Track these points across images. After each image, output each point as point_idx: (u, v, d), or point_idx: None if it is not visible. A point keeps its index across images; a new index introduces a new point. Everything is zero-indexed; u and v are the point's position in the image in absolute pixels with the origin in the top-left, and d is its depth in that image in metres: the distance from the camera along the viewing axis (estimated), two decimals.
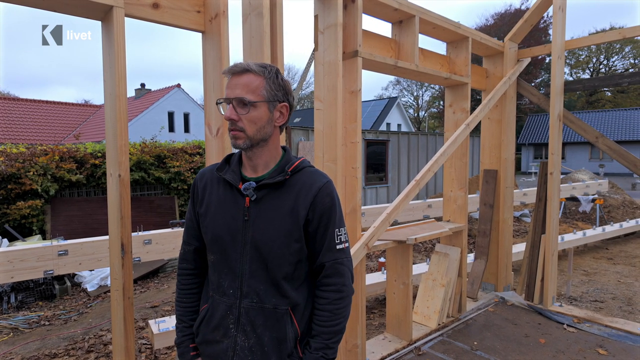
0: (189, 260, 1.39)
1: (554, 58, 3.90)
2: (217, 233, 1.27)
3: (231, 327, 1.25)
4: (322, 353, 1.25)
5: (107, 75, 1.81)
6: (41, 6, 1.74)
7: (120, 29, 1.75)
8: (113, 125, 1.78)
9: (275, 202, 1.25)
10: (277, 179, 1.25)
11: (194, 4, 2.16)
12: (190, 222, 1.38)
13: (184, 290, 1.39)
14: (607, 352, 3.23)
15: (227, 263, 1.26)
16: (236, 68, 1.22)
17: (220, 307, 1.27)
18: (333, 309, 1.26)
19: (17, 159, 7.05)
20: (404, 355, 3.19)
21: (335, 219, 1.29)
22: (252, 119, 1.21)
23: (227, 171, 1.31)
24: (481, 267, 4.40)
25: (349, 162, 2.87)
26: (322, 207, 1.25)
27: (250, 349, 1.23)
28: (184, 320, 1.38)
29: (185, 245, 1.40)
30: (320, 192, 1.26)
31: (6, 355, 3.97)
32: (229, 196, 1.28)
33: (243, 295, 1.24)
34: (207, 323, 1.30)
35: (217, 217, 1.28)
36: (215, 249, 1.28)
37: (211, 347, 1.28)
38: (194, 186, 1.37)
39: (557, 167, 3.99)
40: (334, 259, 1.27)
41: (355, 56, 2.78)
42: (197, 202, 1.35)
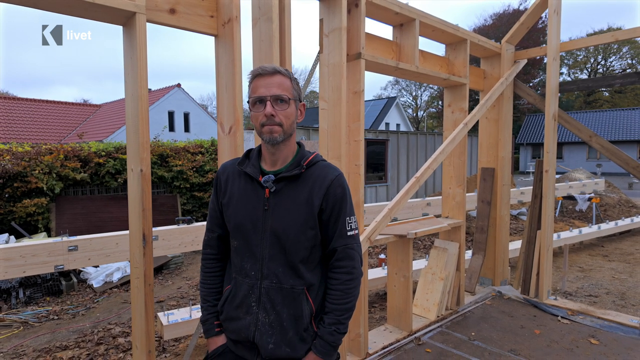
0: (213, 246, 1.52)
1: (549, 59, 4.03)
2: (240, 221, 1.40)
3: (253, 305, 1.38)
4: (334, 327, 1.38)
5: (129, 77, 1.93)
6: (66, 12, 1.86)
7: (142, 33, 1.88)
8: (135, 124, 1.91)
9: (292, 193, 1.37)
10: (294, 172, 1.38)
11: (207, 8, 2.29)
12: (213, 211, 1.51)
13: (208, 273, 1.53)
14: (598, 341, 3.37)
15: (249, 248, 1.39)
16: (267, 69, 1.36)
17: (243, 287, 1.40)
18: (344, 288, 1.39)
19: (22, 158, 7.16)
20: (404, 345, 3.33)
21: (346, 208, 1.41)
22: (287, 115, 1.37)
23: (247, 165, 1.44)
24: (479, 262, 4.54)
25: (352, 160, 3.00)
26: (335, 197, 1.38)
27: (271, 324, 1.36)
28: (208, 300, 1.51)
29: (209, 232, 1.53)
30: (333, 184, 1.38)
31: (18, 348, 4.09)
32: (249, 188, 1.41)
33: (263, 277, 1.37)
34: (230, 302, 1.43)
35: (240, 207, 1.41)
36: (238, 235, 1.41)
37: (235, 323, 1.41)
38: (217, 179, 1.50)
39: (552, 165, 4.12)
40: (345, 244, 1.40)
41: (359, 58, 2.91)
42: (220, 193, 1.48)
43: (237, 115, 2.26)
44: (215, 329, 1.48)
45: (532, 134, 32.24)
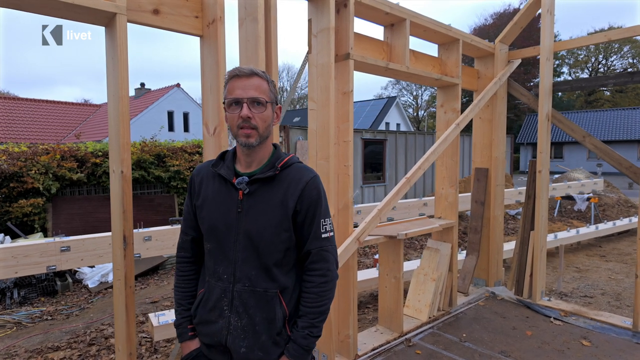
0: (187, 249, 1.51)
1: (542, 59, 4.01)
2: (213, 224, 1.39)
3: (225, 308, 1.37)
4: (308, 331, 1.37)
5: (111, 78, 1.93)
6: (49, 13, 1.85)
7: (122, 34, 1.87)
8: (116, 124, 1.90)
9: (266, 195, 1.36)
10: (268, 174, 1.37)
11: (192, 9, 2.28)
12: (187, 214, 1.50)
13: (182, 277, 1.52)
14: (590, 343, 3.35)
15: (222, 251, 1.38)
16: (244, 71, 1.35)
17: (216, 291, 1.39)
18: (319, 291, 1.38)
19: (19, 158, 7.16)
20: (394, 346, 3.31)
21: (321, 210, 1.41)
22: (264, 118, 1.36)
23: (221, 167, 1.43)
24: (472, 263, 4.53)
25: (341, 160, 2.99)
26: (310, 199, 1.37)
27: (243, 328, 1.35)
28: (182, 303, 1.50)
29: (183, 235, 1.52)
30: (308, 186, 1.38)
31: (10, 348, 4.08)
32: (223, 190, 1.40)
33: (236, 280, 1.36)
34: (204, 305, 1.42)
35: (213, 209, 1.40)
36: (211, 238, 1.40)
37: (208, 326, 1.40)
38: (192, 181, 1.49)
39: (546, 165, 4.11)
40: (319, 246, 1.39)
41: (347, 59, 2.89)
42: (194, 195, 1.47)
43: (221, 116, 2.25)
44: (188, 333, 1.47)
45: (533, 133, 32.16)
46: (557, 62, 40.60)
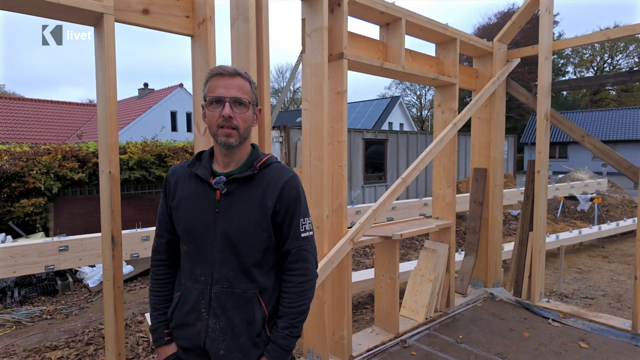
0: (162, 252, 1.48)
1: (540, 59, 3.98)
2: (190, 225, 1.37)
3: (203, 311, 1.35)
4: (288, 331, 1.36)
5: (99, 78, 1.92)
6: (38, 13, 1.85)
7: (110, 34, 1.87)
8: (104, 125, 1.90)
9: (244, 195, 1.35)
10: (246, 173, 1.36)
11: (183, 9, 2.27)
12: (162, 216, 1.47)
13: (157, 280, 1.48)
14: (588, 345, 3.31)
15: (199, 252, 1.36)
16: (228, 70, 1.33)
17: (193, 293, 1.36)
18: (298, 291, 1.37)
19: (20, 158, 7.21)
20: (389, 347, 3.29)
21: (301, 210, 1.40)
22: (245, 118, 1.35)
23: (198, 167, 1.41)
24: (471, 264, 4.49)
25: (335, 161, 2.97)
26: (289, 199, 1.37)
27: (221, 330, 1.33)
28: (158, 308, 1.47)
29: (158, 237, 1.49)
30: (287, 185, 1.38)
31: (9, 347, 4.10)
32: (200, 190, 1.38)
33: (214, 282, 1.34)
34: (180, 308, 1.40)
35: (190, 210, 1.38)
36: (188, 239, 1.38)
37: (185, 330, 1.38)
38: (166, 182, 1.47)
39: (545, 165, 4.07)
40: (299, 246, 1.39)
41: (341, 58, 2.88)
42: (169, 197, 1.45)
43: None
44: (165, 338, 1.44)
45: None
46: (562, 61, 40.33)
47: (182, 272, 1.43)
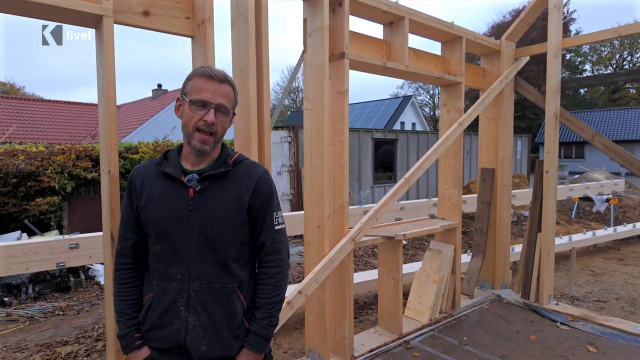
0: (128, 255, 1.44)
1: (549, 57, 3.90)
2: (163, 224, 1.35)
3: (181, 309, 1.34)
4: (267, 321, 1.40)
5: (99, 79, 1.96)
6: (39, 16, 1.90)
7: (109, 36, 1.90)
8: (104, 125, 1.93)
9: (219, 192, 1.37)
10: (220, 170, 1.38)
11: (183, 10, 2.30)
12: (127, 217, 1.44)
13: (124, 285, 1.44)
14: (597, 349, 3.24)
15: (174, 251, 1.35)
16: (218, 75, 1.34)
17: (170, 293, 1.35)
18: (274, 282, 1.42)
19: (36, 158, 7.39)
20: (392, 349, 3.27)
21: (274, 204, 1.45)
22: (224, 126, 1.39)
23: (166, 165, 1.40)
24: (478, 265, 4.44)
25: (337, 160, 2.97)
26: (263, 193, 1.42)
27: (202, 326, 1.34)
28: (125, 313, 1.42)
29: (122, 240, 1.44)
30: (260, 181, 1.42)
31: (21, 342, 4.22)
32: (171, 189, 1.37)
33: (192, 279, 1.35)
34: (154, 310, 1.37)
35: (161, 209, 1.36)
36: (161, 239, 1.36)
37: (162, 330, 1.37)
38: (131, 182, 1.43)
39: (553, 165, 3.99)
40: (273, 238, 1.44)
41: (343, 58, 2.87)
42: (135, 197, 1.42)
43: None
44: (136, 342, 1.41)
45: None
46: (579, 59, 39.46)
47: (154, 273, 1.41)
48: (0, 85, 34.87)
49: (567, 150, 30.82)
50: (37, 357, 3.80)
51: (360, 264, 6.59)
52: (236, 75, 2.45)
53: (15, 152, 7.42)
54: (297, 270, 6.26)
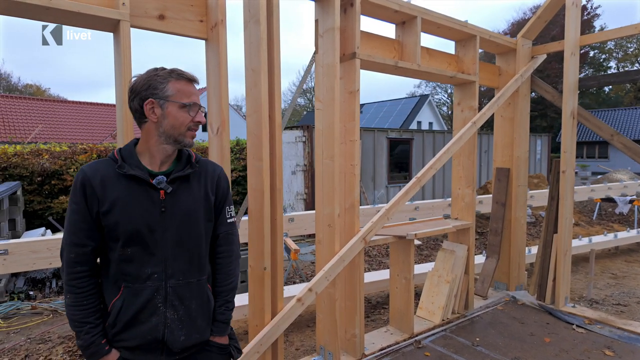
0: (85, 262, 1.37)
1: (566, 54, 3.83)
2: (134, 227, 1.34)
3: (159, 305, 1.38)
4: (224, 307, 1.53)
5: (117, 81, 2.04)
6: (59, 21, 1.99)
7: (126, 40, 1.98)
8: (121, 126, 2.01)
9: (188, 192, 1.43)
10: (188, 171, 1.44)
11: (197, 13, 2.36)
12: (83, 223, 1.35)
13: (83, 294, 1.37)
14: (614, 353, 3.17)
15: (147, 252, 1.37)
16: (196, 79, 1.45)
17: (145, 292, 1.37)
18: (228, 270, 1.55)
19: (59, 157, 7.66)
20: (403, 348, 3.28)
21: (229, 199, 1.58)
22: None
23: (128, 167, 1.37)
24: (492, 266, 4.39)
25: (347, 160, 2.99)
26: (223, 189, 1.54)
27: (180, 319, 1.41)
28: (89, 321, 1.36)
29: (78, 247, 1.36)
30: (220, 178, 1.54)
31: (45, 334, 4.38)
32: (138, 191, 1.36)
33: (168, 277, 1.39)
34: (125, 311, 1.36)
35: (131, 212, 1.34)
36: (133, 242, 1.35)
37: (136, 328, 1.37)
38: (86, 185, 1.34)
39: (570, 165, 3.91)
40: (226, 230, 1.55)
41: (354, 58, 2.90)
42: (93, 201, 1.35)
43: (223, 116, 2.32)
44: (105, 348, 1.38)
45: None
46: (604, 55, 38.26)
47: (121, 276, 1.38)
48: (28, 87, 36.11)
49: (590, 149, 29.96)
50: (59, 348, 3.95)
51: (374, 263, 6.59)
52: (248, 76, 2.51)
53: (40, 152, 7.70)
54: (310, 269, 6.31)
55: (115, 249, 1.36)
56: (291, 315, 2.58)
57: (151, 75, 1.39)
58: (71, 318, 1.37)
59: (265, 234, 2.47)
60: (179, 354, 1.43)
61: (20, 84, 35.65)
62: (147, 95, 1.37)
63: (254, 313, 2.59)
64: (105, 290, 1.41)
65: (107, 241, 1.38)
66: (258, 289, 2.55)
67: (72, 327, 1.38)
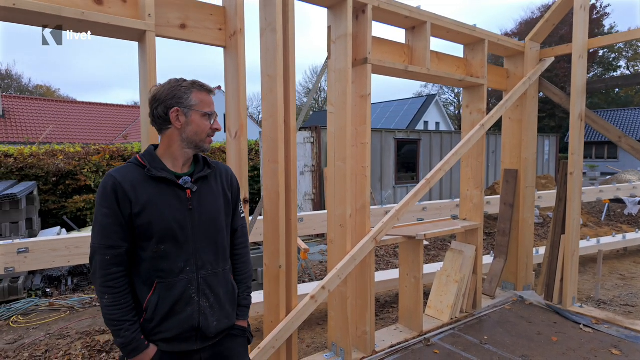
0: (120, 263, 1.44)
1: (574, 57, 3.88)
2: (167, 225, 1.45)
3: (193, 295, 1.50)
4: (246, 293, 1.73)
5: (142, 87, 2.15)
6: (92, 32, 2.10)
7: (151, 49, 2.08)
8: (146, 131, 2.12)
9: (208, 190, 1.58)
10: (207, 172, 1.59)
11: (216, 22, 2.46)
12: (116, 226, 1.42)
13: (120, 293, 1.44)
14: (620, 352, 3.22)
15: (179, 247, 1.48)
16: (213, 90, 1.60)
17: (179, 285, 1.47)
18: (246, 260, 1.74)
19: (74, 158, 7.83)
20: (413, 345, 3.36)
21: (240, 195, 1.75)
22: None
23: (156, 170, 1.48)
24: (500, 266, 4.45)
25: (359, 162, 3.08)
26: (235, 187, 1.72)
27: (212, 306, 1.55)
28: (128, 319, 1.44)
29: (112, 250, 1.42)
30: (232, 176, 1.72)
31: (63, 330, 4.52)
32: (167, 192, 1.48)
33: (199, 268, 1.52)
34: (161, 305, 1.46)
35: (162, 212, 1.45)
36: (167, 239, 1.46)
37: (174, 319, 1.48)
38: (118, 190, 1.42)
39: (578, 166, 3.96)
40: (242, 224, 1.74)
41: (365, 63, 2.98)
42: (125, 204, 1.42)
43: (241, 120, 2.43)
44: (144, 343, 1.47)
45: None
46: (613, 55, 37.89)
47: (153, 272, 1.47)
48: (38, 88, 36.65)
49: (599, 150, 29.72)
50: (78, 344, 4.08)
51: (382, 263, 6.66)
52: (265, 82, 2.61)
53: (54, 153, 7.88)
54: (318, 269, 6.40)
55: (148, 247, 1.45)
56: (305, 312, 2.68)
57: (175, 85, 1.51)
58: (110, 318, 1.43)
59: (280, 233, 2.57)
60: (212, 339, 1.56)
61: (31, 85, 36.20)
62: (172, 104, 1.49)
63: (269, 310, 2.69)
64: (137, 288, 1.50)
65: (138, 241, 1.46)
66: (273, 287, 2.64)
67: (111, 326, 1.44)
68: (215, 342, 1.59)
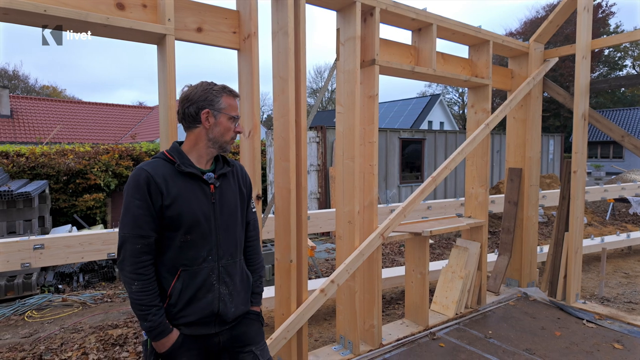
0: (149, 252, 1.53)
1: (578, 58, 3.94)
2: (194, 217, 1.56)
3: (214, 282, 1.62)
4: (259, 282, 1.87)
5: (162, 89, 2.25)
6: (113, 36, 2.20)
7: (171, 52, 2.18)
8: (165, 129, 2.22)
9: (227, 186, 1.70)
10: (227, 169, 1.72)
11: (230, 25, 2.56)
12: (147, 216, 1.51)
13: (148, 280, 1.52)
14: (622, 346, 3.29)
15: (203, 237, 1.59)
16: (239, 95, 1.72)
17: (203, 272, 1.59)
18: (258, 251, 1.89)
19: (83, 157, 7.97)
20: (419, 339, 3.45)
21: (253, 191, 1.91)
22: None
23: (184, 166, 1.59)
24: (504, 263, 4.52)
25: (367, 160, 3.17)
26: (248, 184, 1.85)
27: (230, 293, 1.67)
28: (155, 304, 1.53)
29: (142, 239, 1.51)
30: (246, 174, 1.85)
31: (77, 324, 4.65)
32: (193, 186, 1.59)
33: (220, 257, 1.65)
34: (185, 291, 1.57)
35: (190, 204, 1.56)
36: (193, 229, 1.57)
37: (196, 304, 1.58)
38: (150, 183, 1.51)
39: (582, 165, 4.03)
40: (253, 218, 1.87)
41: (373, 64, 3.07)
42: (157, 196, 1.51)
43: (255, 120, 2.52)
44: (169, 327, 1.56)
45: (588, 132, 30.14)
46: (619, 54, 37.69)
47: (179, 260, 1.57)
48: (44, 88, 36.98)
49: (604, 149, 29.61)
50: (92, 337, 4.19)
51: (387, 261, 6.75)
52: (276, 83, 2.70)
53: (65, 152, 8.03)
54: (324, 266, 6.50)
55: (176, 237, 1.55)
56: (315, 305, 2.77)
57: (207, 88, 1.63)
58: (139, 303, 1.50)
59: (292, 229, 2.67)
60: (229, 324, 1.68)
61: (38, 86, 36.54)
62: (204, 105, 1.61)
63: (280, 302, 2.79)
64: (161, 275, 1.58)
65: (165, 231, 1.55)
66: (285, 280, 2.74)
67: (139, 311, 1.51)
68: (232, 326, 1.70)
